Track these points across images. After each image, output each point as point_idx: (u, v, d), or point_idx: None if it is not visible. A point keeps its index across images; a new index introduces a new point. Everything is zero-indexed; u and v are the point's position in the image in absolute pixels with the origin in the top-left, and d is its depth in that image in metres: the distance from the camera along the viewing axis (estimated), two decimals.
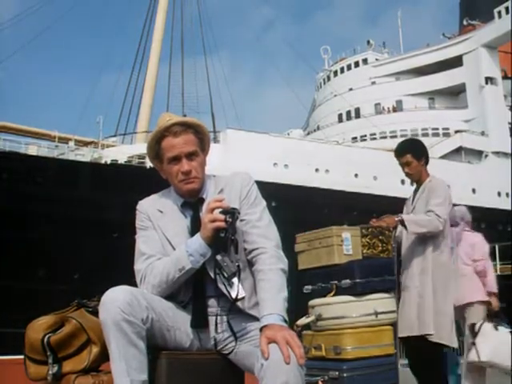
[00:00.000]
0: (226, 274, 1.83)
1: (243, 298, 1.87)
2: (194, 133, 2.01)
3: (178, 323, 1.91)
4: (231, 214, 1.84)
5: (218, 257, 1.84)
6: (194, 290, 1.95)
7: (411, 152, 3.68)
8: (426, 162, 3.72)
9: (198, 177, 2.00)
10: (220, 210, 1.86)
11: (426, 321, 3.40)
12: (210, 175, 2.09)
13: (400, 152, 3.73)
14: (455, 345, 3.50)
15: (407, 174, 3.71)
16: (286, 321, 1.77)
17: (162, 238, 1.99)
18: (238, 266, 1.85)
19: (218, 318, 1.93)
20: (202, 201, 2.02)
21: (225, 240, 1.84)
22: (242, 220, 1.95)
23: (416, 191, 3.74)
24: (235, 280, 1.85)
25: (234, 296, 1.85)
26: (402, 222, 3.51)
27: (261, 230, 1.97)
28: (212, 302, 1.94)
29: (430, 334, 3.37)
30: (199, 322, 1.93)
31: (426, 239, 3.53)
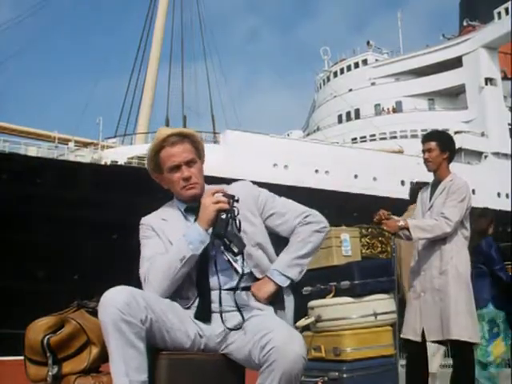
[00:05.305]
0: (236, 250, 1.91)
1: (247, 274, 1.99)
2: (190, 142, 2.12)
3: (178, 324, 1.91)
4: (232, 197, 1.96)
5: (226, 236, 1.92)
6: (198, 286, 1.99)
7: (437, 140, 3.60)
8: (450, 159, 3.62)
9: (198, 182, 2.09)
10: (221, 194, 1.97)
11: (458, 323, 3.30)
12: (209, 186, 2.17)
13: (425, 137, 3.66)
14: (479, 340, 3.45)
15: (426, 160, 3.60)
16: (283, 274, 2.01)
17: (167, 243, 2.04)
18: (244, 244, 1.94)
19: (222, 295, 1.95)
20: None
21: (226, 221, 1.92)
22: (270, 215, 2.13)
23: (434, 187, 3.63)
24: (239, 257, 1.94)
25: (240, 271, 1.94)
26: (406, 228, 3.45)
27: (290, 210, 2.15)
28: (214, 294, 1.96)
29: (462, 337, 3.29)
30: (203, 315, 1.96)
31: (444, 239, 3.44)
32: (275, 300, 2.04)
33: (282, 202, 2.19)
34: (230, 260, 1.95)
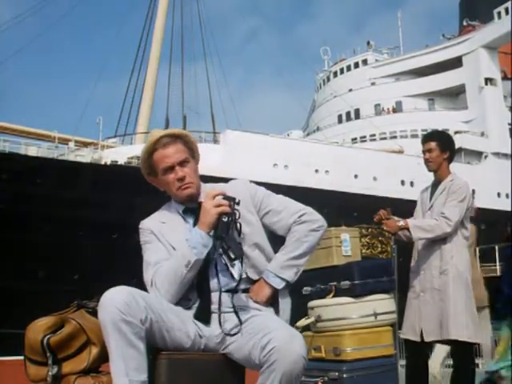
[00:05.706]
0: (233, 256, 1.90)
1: (245, 277, 1.99)
2: (183, 142, 2.11)
3: (178, 324, 1.91)
4: (233, 199, 1.94)
5: (225, 239, 1.91)
6: (198, 287, 1.99)
7: (437, 140, 3.62)
8: (450, 159, 3.63)
9: (193, 181, 2.08)
10: (222, 196, 1.95)
11: (457, 323, 3.30)
12: (205, 184, 2.17)
13: (426, 138, 3.68)
14: (483, 341, 3.44)
15: (426, 161, 3.61)
16: (278, 276, 2.01)
17: (167, 246, 2.04)
18: (242, 249, 1.94)
19: (222, 296, 1.95)
20: None
21: (228, 224, 1.91)
22: (267, 213, 2.11)
23: (434, 187, 3.64)
24: (237, 262, 1.93)
25: (236, 277, 1.92)
26: (406, 228, 3.45)
27: (287, 210, 2.12)
28: (215, 295, 1.97)
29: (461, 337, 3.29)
30: (203, 316, 1.96)
31: (444, 239, 3.45)
32: (272, 302, 2.04)
33: (278, 200, 2.17)
34: (228, 264, 1.95)
